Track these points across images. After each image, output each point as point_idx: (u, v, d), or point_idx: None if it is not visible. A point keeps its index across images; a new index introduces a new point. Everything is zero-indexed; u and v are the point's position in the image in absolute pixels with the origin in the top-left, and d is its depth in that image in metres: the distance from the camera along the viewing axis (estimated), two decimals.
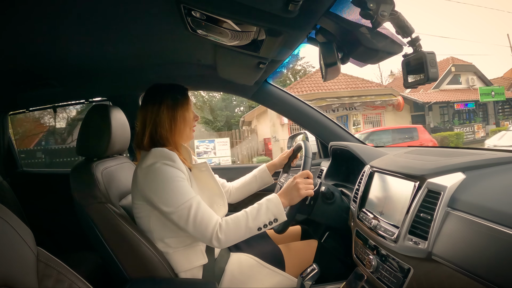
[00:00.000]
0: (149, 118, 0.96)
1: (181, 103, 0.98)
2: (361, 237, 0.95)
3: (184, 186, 0.89)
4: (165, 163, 0.89)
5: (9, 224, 0.48)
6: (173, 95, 0.98)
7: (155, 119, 0.96)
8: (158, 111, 0.96)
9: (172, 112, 0.96)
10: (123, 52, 1.17)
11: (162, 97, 0.97)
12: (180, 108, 0.98)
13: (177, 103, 0.98)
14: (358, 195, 1.02)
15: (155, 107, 0.96)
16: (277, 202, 0.91)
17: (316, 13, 0.72)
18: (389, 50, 0.78)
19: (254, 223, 0.89)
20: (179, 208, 0.86)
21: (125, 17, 0.86)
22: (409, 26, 0.68)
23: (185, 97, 1.00)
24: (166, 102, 0.96)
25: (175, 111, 0.97)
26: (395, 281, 0.75)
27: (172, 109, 0.97)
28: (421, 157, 0.92)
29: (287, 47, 0.91)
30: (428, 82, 0.69)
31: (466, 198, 0.64)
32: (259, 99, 1.61)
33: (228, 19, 0.73)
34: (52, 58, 1.15)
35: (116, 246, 0.92)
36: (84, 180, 0.97)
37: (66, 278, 0.52)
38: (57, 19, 0.83)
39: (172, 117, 0.96)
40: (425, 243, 0.66)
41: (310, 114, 1.57)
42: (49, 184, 1.79)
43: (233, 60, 1.14)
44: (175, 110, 0.97)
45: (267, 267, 1.02)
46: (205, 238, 0.88)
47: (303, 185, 0.95)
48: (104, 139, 1.04)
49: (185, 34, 0.89)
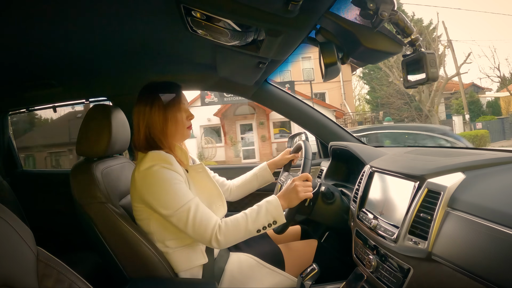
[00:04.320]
0: (141, 120, 0.95)
1: (173, 103, 0.97)
2: (361, 237, 0.95)
3: (182, 188, 0.89)
4: (163, 166, 0.89)
5: (9, 224, 0.48)
6: (165, 94, 0.96)
7: (148, 121, 0.95)
8: (150, 113, 0.95)
9: (163, 113, 0.95)
10: (123, 52, 1.17)
11: (154, 98, 0.95)
12: (172, 109, 0.96)
13: (168, 104, 0.96)
14: (358, 195, 1.02)
15: (147, 108, 0.95)
16: (276, 204, 0.91)
17: (316, 13, 0.72)
18: (389, 50, 0.77)
19: (254, 225, 0.89)
20: (178, 210, 0.86)
21: (125, 17, 0.86)
22: (409, 26, 0.68)
23: (177, 95, 0.98)
24: (158, 102, 0.95)
25: (166, 112, 0.95)
26: (395, 281, 0.75)
27: (163, 110, 0.95)
28: (421, 157, 0.92)
29: (287, 47, 0.91)
30: (428, 82, 0.69)
31: (466, 198, 0.64)
32: (259, 99, 1.61)
33: (228, 19, 0.73)
34: (52, 57, 1.15)
35: (116, 246, 0.92)
36: (84, 180, 0.97)
37: (66, 278, 0.52)
38: (57, 19, 0.83)
39: (164, 118, 0.95)
40: (425, 243, 0.66)
41: (310, 114, 1.57)
42: (49, 184, 1.79)
43: (233, 60, 1.14)
44: (166, 111, 0.95)
45: (267, 267, 1.02)
46: (204, 240, 0.88)
47: (302, 188, 0.95)
48: (104, 139, 1.04)
49: (185, 34, 0.89)
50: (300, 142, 1.22)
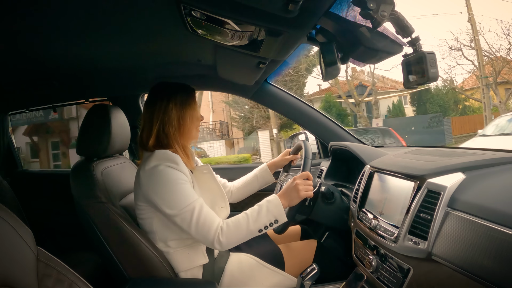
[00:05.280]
0: (156, 116, 0.95)
1: (190, 102, 0.98)
2: (361, 237, 0.95)
3: (187, 188, 0.89)
4: (168, 165, 0.89)
5: (9, 224, 0.48)
6: (181, 93, 0.97)
7: (163, 117, 0.94)
8: (167, 109, 0.94)
9: (181, 111, 0.96)
10: (123, 52, 1.17)
11: (170, 95, 0.96)
12: (189, 107, 0.97)
13: (186, 102, 0.97)
14: (358, 195, 1.02)
15: (163, 104, 0.95)
16: (277, 203, 0.91)
17: (316, 13, 0.72)
18: (389, 50, 0.77)
19: (255, 225, 0.89)
20: (182, 210, 0.86)
21: (125, 17, 0.85)
22: (409, 26, 0.68)
23: (192, 96, 1.00)
24: (174, 100, 0.95)
25: (184, 110, 0.96)
26: (395, 281, 0.75)
27: (180, 107, 0.96)
28: (421, 157, 0.92)
29: (287, 47, 0.91)
30: (428, 82, 0.69)
31: (466, 198, 0.64)
32: (259, 99, 1.61)
33: (228, 19, 0.73)
34: (52, 58, 1.15)
35: (116, 246, 0.92)
36: (84, 180, 0.97)
37: (66, 278, 0.52)
38: (57, 19, 0.83)
39: (181, 115, 0.95)
40: (425, 243, 0.66)
41: (310, 114, 1.57)
42: (49, 184, 1.79)
43: (233, 60, 1.14)
44: (184, 109, 0.96)
45: (267, 267, 1.02)
46: (207, 241, 0.88)
47: (303, 187, 0.95)
48: (104, 139, 1.04)
49: (185, 34, 0.89)
50: (300, 142, 1.22)
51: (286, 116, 1.66)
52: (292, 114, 1.60)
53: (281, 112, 1.65)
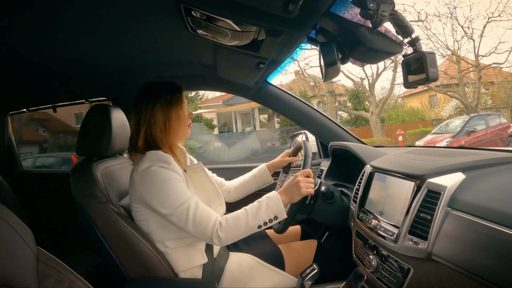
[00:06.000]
0: (143, 119, 0.95)
1: (175, 101, 0.97)
2: (361, 237, 0.95)
3: (181, 187, 0.89)
4: (161, 165, 0.89)
5: (9, 224, 0.48)
6: (166, 93, 0.97)
7: (149, 119, 0.94)
8: (152, 111, 0.94)
9: (166, 112, 0.95)
10: (123, 52, 1.17)
11: (155, 96, 0.95)
12: (174, 107, 0.96)
13: (171, 102, 0.96)
14: (358, 195, 1.02)
15: (149, 106, 0.95)
16: (277, 199, 0.91)
17: (316, 13, 0.72)
18: (389, 50, 0.77)
19: (254, 221, 0.89)
20: (178, 209, 0.86)
21: (125, 17, 0.86)
22: (409, 26, 0.68)
23: (179, 95, 0.99)
24: (159, 101, 0.95)
25: (169, 110, 0.95)
26: (395, 281, 0.75)
27: (166, 108, 0.95)
28: (421, 157, 0.92)
29: (287, 47, 0.91)
30: (428, 82, 0.69)
31: (466, 198, 0.64)
32: (259, 99, 1.61)
33: (228, 19, 0.73)
34: (52, 58, 1.15)
35: (116, 246, 0.92)
36: (84, 180, 0.97)
37: (66, 278, 0.52)
38: (57, 19, 0.83)
39: (166, 116, 0.95)
40: (425, 243, 0.66)
41: (310, 114, 1.57)
42: (49, 184, 1.79)
43: (233, 60, 1.14)
44: (169, 109, 0.96)
45: (267, 267, 1.02)
46: (205, 237, 0.88)
47: (304, 184, 0.95)
48: (104, 139, 1.04)
49: (185, 34, 0.89)
50: (300, 142, 1.22)
51: (286, 116, 1.65)
52: (292, 114, 1.60)
53: (281, 112, 1.65)
